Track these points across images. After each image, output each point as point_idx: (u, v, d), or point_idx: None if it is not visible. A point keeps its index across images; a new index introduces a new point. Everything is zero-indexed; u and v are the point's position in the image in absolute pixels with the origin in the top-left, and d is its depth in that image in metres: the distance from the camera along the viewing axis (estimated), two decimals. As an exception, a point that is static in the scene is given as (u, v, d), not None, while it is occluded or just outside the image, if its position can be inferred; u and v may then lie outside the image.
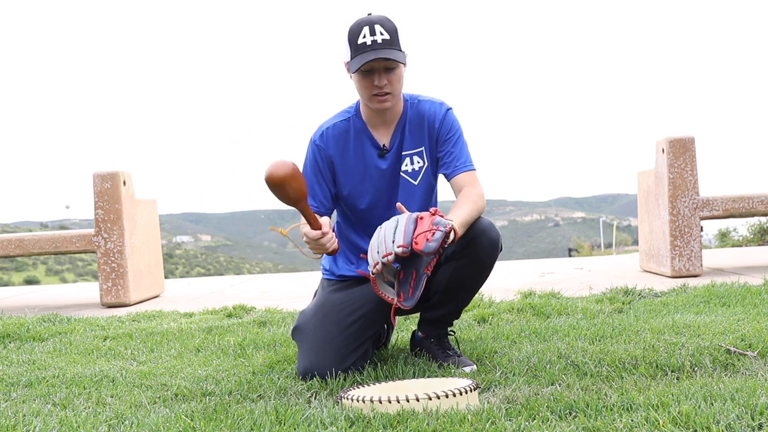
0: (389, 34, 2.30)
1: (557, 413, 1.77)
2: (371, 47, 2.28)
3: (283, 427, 1.76)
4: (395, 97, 2.39)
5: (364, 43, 2.29)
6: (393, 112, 2.46)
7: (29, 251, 5.07)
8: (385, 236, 2.06)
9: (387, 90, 2.34)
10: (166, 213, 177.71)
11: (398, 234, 2.04)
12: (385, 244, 2.04)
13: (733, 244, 11.17)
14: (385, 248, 2.04)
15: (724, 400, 1.75)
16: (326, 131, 2.50)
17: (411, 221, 2.08)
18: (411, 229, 2.05)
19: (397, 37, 2.32)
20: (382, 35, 2.29)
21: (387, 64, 2.31)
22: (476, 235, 2.32)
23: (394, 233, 2.05)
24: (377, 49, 2.28)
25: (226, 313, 3.97)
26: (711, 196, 4.83)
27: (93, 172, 4.94)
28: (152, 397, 2.18)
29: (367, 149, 2.47)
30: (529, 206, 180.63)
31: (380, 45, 2.28)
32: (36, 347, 3.15)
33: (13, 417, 1.97)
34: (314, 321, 2.43)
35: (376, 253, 2.06)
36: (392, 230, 2.07)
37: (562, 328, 2.92)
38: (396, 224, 2.09)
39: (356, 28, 2.32)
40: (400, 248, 2.01)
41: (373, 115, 2.46)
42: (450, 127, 2.47)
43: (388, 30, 2.31)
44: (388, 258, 2.03)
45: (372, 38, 2.28)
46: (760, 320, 2.82)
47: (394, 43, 2.31)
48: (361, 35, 2.29)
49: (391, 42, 2.30)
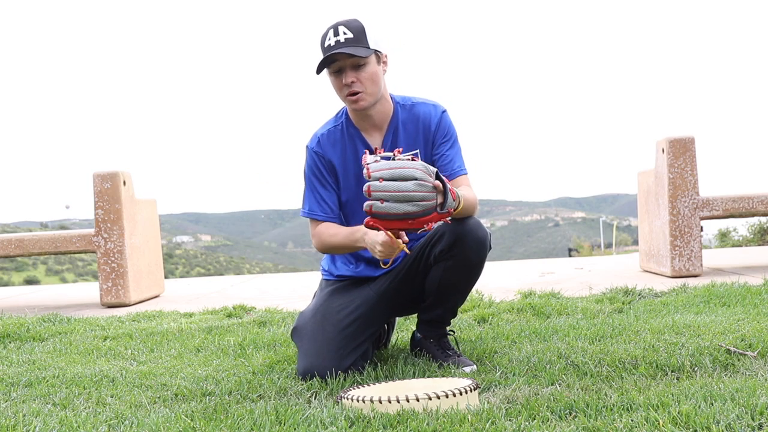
0: (353, 32, 2.32)
1: (557, 413, 1.77)
2: (335, 47, 2.31)
3: (283, 427, 1.76)
4: (371, 96, 2.38)
5: (329, 45, 2.32)
6: (381, 114, 2.45)
7: (29, 251, 5.07)
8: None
9: (357, 88, 2.35)
10: (166, 213, 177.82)
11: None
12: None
13: (733, 244, 11.17)
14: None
15: (724, 400, 1.75)
16: (321, 137, 2.50)
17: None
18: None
19: (364, 36, 2.34)
20: (345, 34, 2.32)
21: (353, 61, 2.32)
22: (463, 235, 2.32)
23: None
24: (339, 47, 2.31)
25: (226, 313, 3.97)
26: (711, 196, 4.83)
27: (93, 172, 4.94)
28: (152, 397, 2.18)
29: (361, 152, 2.47)
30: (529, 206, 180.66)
31: (343, 44, 2.31)
32: (36, 347, 3.15)
33: (13, 417, 1.97)
34: (313, 322, 2.43)
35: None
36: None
37: (562, 328, 2.92)
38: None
39: (324, 33, 2.36)
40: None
41: (361, 119, 2.46)
42: (446, 131, 2.48)
43: (353, 29, 2.33)
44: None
45: (336, 38, 2.32)
46: (760, 320, 2.82)
47: (360, 41, 2.32)
48: (327, 38, 2.34)
49: (355, 40, 2.32)
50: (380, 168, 2.01)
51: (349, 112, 2.48)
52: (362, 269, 2.54)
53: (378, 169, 2.01)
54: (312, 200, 2.50)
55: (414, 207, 1.98)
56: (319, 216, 2.48)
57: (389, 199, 1.98)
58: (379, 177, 1.99)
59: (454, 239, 2.32)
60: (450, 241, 2.32)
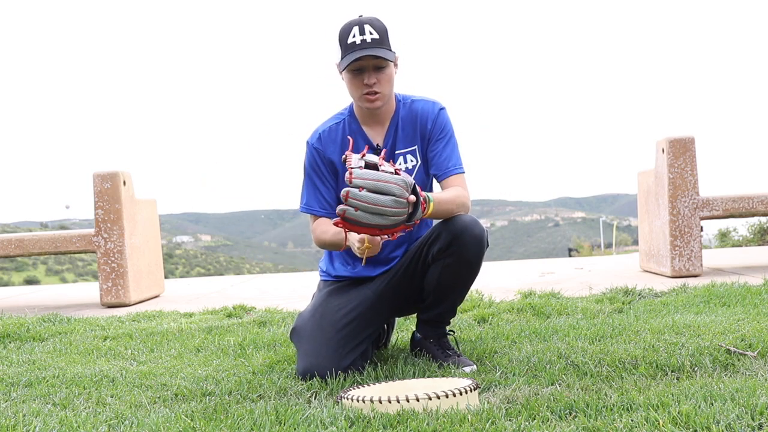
0: (378, 33, 2.34)
1: (557, 413, 1.77)
2: (360, 46, 2.32)
3: (283, 427, 1.76)
4: (385, 97, 2.41)
5: (353, 43, 2.32)
6: (385, 112, 2.48)
7: (29, 251, 5.07)
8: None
9: (377, 89, 2.37)
10: (166, 213, 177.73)
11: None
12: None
13: (733, 244, 11.16)
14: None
15: (724, 400, 1.75)
16: (322, 134, 2.52)
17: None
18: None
19: (387, 38, 2.37)
20: (371, 34, 2.33)
21: (376, 62, 2.34)
22: (459, 233, 2.32)
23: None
24: (366, 48, 2.31)
25: (226, 313, 3.97)
26: (711, 196, 4.83)
27: (93, 172, 4.94)
28: (152, 397, 2.18)
29: (362, 149, 2.48)
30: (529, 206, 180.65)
31: (369, 44, 2.32)
32: (36, 347, 3.15)
33: (13, 417, 1.97)
34: (311, 322, 2.43)
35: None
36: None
37: (562, 328, 2.92)
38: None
39: (347, 28, 2.36)
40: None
41: (366, 115, 2.48)
42: (442, 127, 2.49)
43: (378, 30, 2.34)
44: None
45: (362, 37, 2.32)
46: (760, 320, 2.82)
47: (384, 43, 2.35)
48: (351, 35, 2.33)
49: (380, 41, 2.34)
50: (362, 176, 2.04)
51: (355, 109, 2.50)
52: (360, 269, 2.54)
53: (360, 176, 2.04)
54: (310, 195, 2.52)
55: (384, 221, 2.05)
56: (317, 212, 2.51)
57: (364, 210, 2.02)
58: (360, 186, 2.03)
59: (451, 237, 2.32)
60: (448, 239, 2.32)
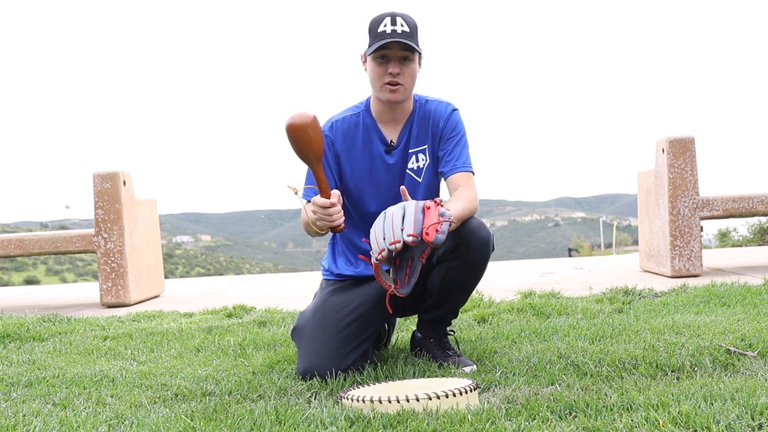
0: (409, 27, 2.36)
1: (557, 413, 1.77)
2: (390, 35, 2.33)
3: (283, 427, 1.76)
4: (407, 92, 2.41)
5: (384, 31, 2.34)
6: (403, 110, 2.48)
7: (29, 251, 5.07)
8: (393, 223, 2.00)
9: (400, 81, 2.37)
10: (166, 213, 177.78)
11: (407, 223, 1.98)
12: (393, 232, 1.98)
13: (733, 244, 11.16)
14: (393, 236, 1.97)
15: (724, 400, 1.75)
16: (335, 123, 2.51)
17: (419, 210, 2.01)
18: (420, 218, 1.99)
19: (417, 34, 2.39)
20: (402, 26, 2.35)
21: (404, 53, 2.35)
22: (466, 236, 2.32)
23: (403, 221, 1.99)
24: (396, 37, 2.33)
25: (226, 313, 3.97)
26: (711, 196, 4.83)
27: (93, 172, 4.94)
28: (152, 397, 2.18)
29: (375, 144, 2.49)
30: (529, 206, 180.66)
31: (400, 34, 2.33)
32: (36, 347, 3.15)
33: (13, 417, 1.97)
34: (313, 321, 2.43)
35: (382, 240, 1.99)
36: (400, 218, 2.01)
37: (562, 328, 2.92)
38: (403, 212, 2.02)
39: (378, 18, 2.37)
40: (410, 237, 1.94)
41: (383, 111, 2.48)
42: (454, 127, 2.49)
43: (409, 24, 2.37)
44: (396, 246, 1.96)
45: (393, 27, 2.34)
46: (760, 320, 2.82)
47: (413, 37, 2.37)
48: (383, 24, 2.35)
49: (410, 35, 2.35)
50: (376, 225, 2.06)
51: (372, 104, 2.50)
52: (363, 269, 2.54)
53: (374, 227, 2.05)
54: (311, 182, 2.51)
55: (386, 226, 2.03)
56: (312, 197, 2.50)
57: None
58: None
59: (458, 240, 2.32)
60: (454, 241, 2.32)
